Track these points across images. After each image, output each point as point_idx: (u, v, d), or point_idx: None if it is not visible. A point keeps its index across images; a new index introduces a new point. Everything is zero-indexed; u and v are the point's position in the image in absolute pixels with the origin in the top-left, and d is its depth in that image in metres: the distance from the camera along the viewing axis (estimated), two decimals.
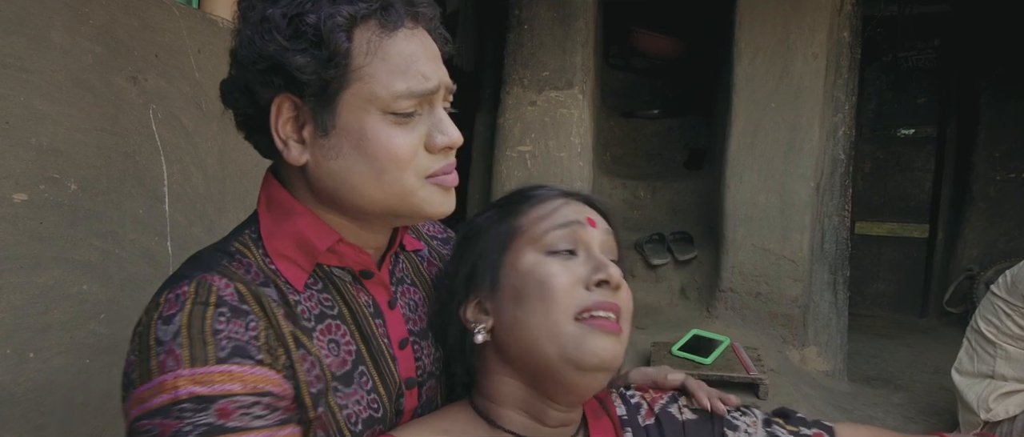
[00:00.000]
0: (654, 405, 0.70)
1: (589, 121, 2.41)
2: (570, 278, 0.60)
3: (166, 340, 0.53)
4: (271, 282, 0.60)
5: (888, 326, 3.77)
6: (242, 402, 0.52)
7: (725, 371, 2.07)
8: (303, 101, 0.58)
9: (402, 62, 0.59)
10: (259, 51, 0.56)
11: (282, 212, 0.62)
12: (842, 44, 2.34)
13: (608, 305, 0.59)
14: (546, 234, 0.62)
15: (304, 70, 0.56)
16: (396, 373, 0.67)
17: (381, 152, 0.58)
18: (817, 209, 2.36)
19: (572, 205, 0.65)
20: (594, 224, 0.64)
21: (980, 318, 1.77)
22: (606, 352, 0.58)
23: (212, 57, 1.48)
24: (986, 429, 1.70)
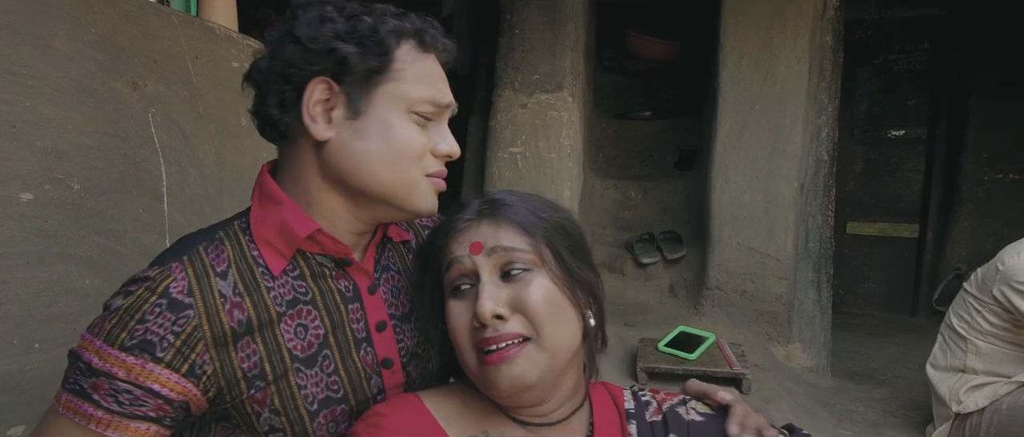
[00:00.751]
0: (663, 404, 0.73)
1: (578, 123, 2.47)
2: (463, 320, 0.66)
3: (110, 307, 0.65)
4: (243, 271, 0.68)
5: (878, 325, 3.82)
6: (116, 386, 0.63)
7: (709, 366, 2.13)
8: (339, 85, 0.67)
9: (430, 76, 0.71)
10: (314, 36, 0.66)
11: (270, 202, 0.70)
12: (825, 48, 2.39)
13: (489, 340, 0.63)
14: (446, 277, 0.69)
15: (352, 57, 0.66)
16: (371, 354, 0.74)
17: (402, 142, 0.69)
18: (801, 209, 2.42)
19: (461, 235, 0.68)
20: (477, 250, 0.66)
21: (953, 314, 1.82)
22: (504, 382, 0.63)
23: (209, 62, 1.53)
24: (957, 421, 1.76)
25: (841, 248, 4.23)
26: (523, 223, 0.68)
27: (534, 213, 0.69)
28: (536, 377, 0.63)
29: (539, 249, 0.67)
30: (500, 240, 0.67)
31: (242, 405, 0.67)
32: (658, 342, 2.26)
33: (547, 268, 0.67)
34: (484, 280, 0.65)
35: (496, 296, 0.64)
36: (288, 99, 0.68)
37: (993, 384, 1.67)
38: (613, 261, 2.80)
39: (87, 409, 0.62)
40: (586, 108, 2.85)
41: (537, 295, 0.65)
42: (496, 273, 0.66)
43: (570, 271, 0.68)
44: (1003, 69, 3.54)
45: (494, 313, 0.63)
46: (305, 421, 0.69)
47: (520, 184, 2.44)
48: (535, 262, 0.66)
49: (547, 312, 0.65)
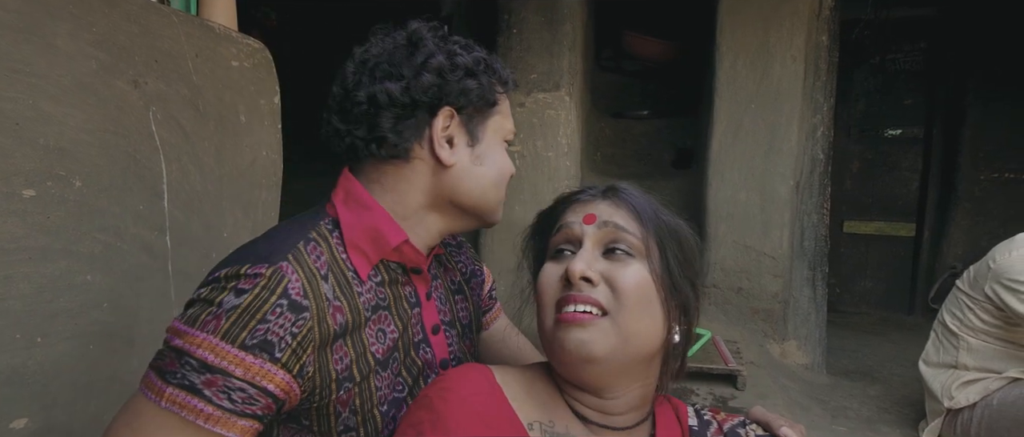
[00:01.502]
0: (724, 425, 0.74)
1: (576, 122, 2.48)
2: (553, 279, 0.67)
3: (224, 306, 0.64)
4: (337, 274, 0.70)
5: (875, 323, 3.83)
6: (231, 384, 0.62)
7: (705, 363, 2.14)
8: (459, 115, 0.75)
9: (509, 111, 0.83)
10: (449, 70, 0.73)
11: (360, 208, 0.74)
12: (820, 47, 2.41)
13: (570, 297, 0.64)
14: (552, 240, 0.71)
15: (473, 92, 0.74)
16: (430, 354, 0.79)
17: (507, 168, 0.80)
18: (796, 207, 2.43)
19: (579, 206, 0.71)
20: (590, 221, 0.68)
21: (946, 311, 1.84)
22: (570, 343, 0.63)
23: (209, 61, 1.55)
24: (949, 417, 1.77)
25: (838, 247, 4.26)
26: (641, 211, 0.69)
27: (654, 208, 0.70)
28: (604, 352, 0.63)
29: (648, 240, 0.67)
30: (614, 217, 0.68)
31: (327, 406, 0.69)
32: None
33: (650, 261, 0.67)
34: (586, 247, 0.67)
35: (591, 261, 0.66)
36: (409, 124, 0.73)
37: (984, 380, 1.69)
38: None
39: (197, 404, 0.62)
40: (584, 107, 2.86)
41: (631, 278, 0.65)
42: (599, 247, 0.67)
43: (671, 275, 0.68)
44: (999, 69, 3.56)
45: (583, 274, 0.64)
46: (377, 420, 0.72)
47: (518, 183, 2.46)
48: (640, 250, 0.67)
49: (634, 296, 0.64)
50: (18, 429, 1.12)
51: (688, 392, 2.12)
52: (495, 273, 2.60)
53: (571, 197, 0.73)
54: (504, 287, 2.51)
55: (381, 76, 0.72)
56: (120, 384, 1.31)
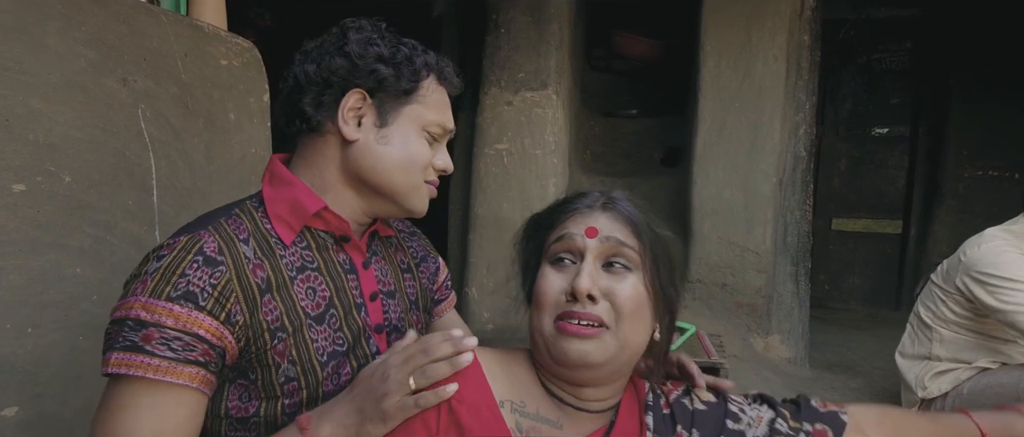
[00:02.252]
0: (669, 396, 0.79)
1: (563, 120, 2.52)
2: (555, 288, 0.72)
3: (148, 271, 0.73)
4: (259, 240, 0.79)
5: (862, 319, 3.89)
6: (167, 334, 0.70)
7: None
8: (372, 98, 0.82)
9: (442, 105, 0.87)
10: (362, 54, 0.81)
11: (281, 183, 0.83)
12: (802, 47, 2.45)
13: (573, 313, 0.70)
14: (552, 247, 0.75)
15: (388, 78, 0.81)
16: (367, 317, 0.86)
17: (416, 153, 0.84)
18: (779, 204, 2.48)
19: (579, 216, 0.75)
20: (593, 234, 0.72)
21: (921, 305, 1.88)
22: (573, 353, 0.69)
23: (197, 60, 1.58)
24: (922, 406, 1.82)
25: (827, 244, 4.31)
26: (638, 224, 0.73)
27: (648, 220, 0.75)
28: (603, 360, 0.70)
29: (643, 253, 0.72)
30: (615, 232, 0.72)
31: (265, 356, 0.76)
32: None
33: (645, 272, 0.72)
34: (588, 261, 0.71)
35: (595, 277, 0.70)
36: (325, 101, 0.81)
37: (955, 370, 1.73)
38: None
39: (142, 359, 0.69)
40: (572, 106, 2.90)
41: (628, 292, 0.71)
42: (600, 260, 0.72)
43: (661, 284, 0.73)
44: (982, 69, 3.62)
45: (589, 292, 0.69)
46: (317, 370, 0.79)
47: (506, 180, 2.50)
48: (637, 263, 0.72)
49: (632, 310, 0.71)
50: (8, 417, 1.15)
51: None
52: (481, 267, 2.64)
53: (570, 205, 0.77)
54: (491, 281, 2.55)
55: (307, 60, 0.82)
56: None
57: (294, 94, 0.83)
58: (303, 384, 0.78)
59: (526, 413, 0.73)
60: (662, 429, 0.76)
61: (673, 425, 0.76)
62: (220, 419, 0.78)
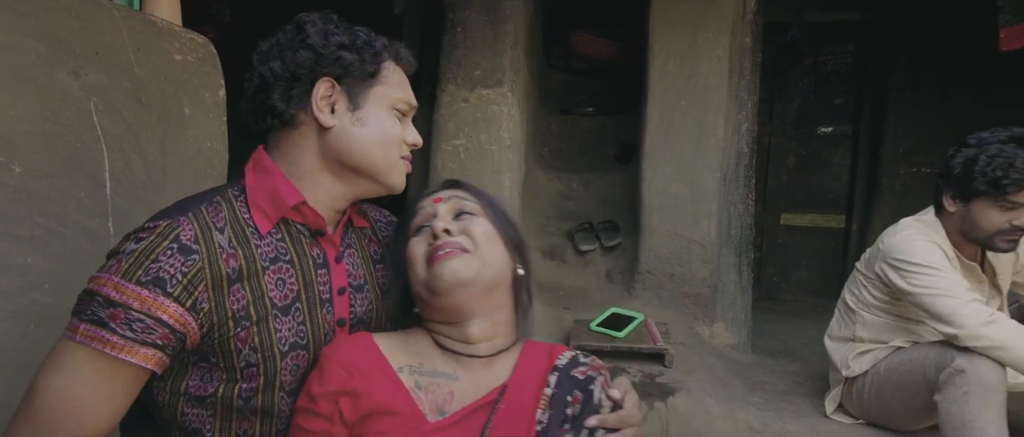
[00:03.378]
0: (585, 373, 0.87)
1: (518, 117, 2.60)
2: (421, 246, 0.87)
3: (124, 251, 0.77)
4: (236, 229, 0.83)
5: (808, 310, 4.07)
6: (131, 316, 0.74)
7: (635, 343, 2.29)
8: (340, 85, 0.87)
9: (403, 83, 0.94)
10: (324, 44, 0.85)
11: (264, 172, 0.87)
12: (744, 48, 2.58)
13: (439, 246, 0.84)
14: (412, 228, 0.91)
15: (353, 64, 0.86)
16: (331, 313, 0.90)
17: (390, 130, 0.90)
18: (724, 198, 2.60)
19: (428, 197, 0.93)
20: (439, 200, 0.91)
21: (846, 290, 2.02)
22: (446, 273, 0.82)
23: (151, 54, 1.60)
24: (846, 384, 1.96)
25: (776, 238, 4.50)
26: (475, 192, 0.95)
27: (485, 193, 0.96)
28: (471, 274, 0.83)
29: (483, 206, 0.92)
30: (457, 195, 0.92)
31: (227, 342, 0.80)
32: (590, 322, 2.41)
33: (488, 217, 0.90)
34: (440, 214, 0.89)
35: (448, 221, 0.88)
36: (295, 94, 0.86)
37: (875, 350, 1.87)
38: (555, 249, 2.95)
39: (105, 335, 0.74)
40: (529, 103, 2.98)
41: (479, 226, 0.87)
42: (451, 213, 0.90)
43: (505, 230, 0.91)
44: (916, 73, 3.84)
45: (445, 227, 0.85)
46: (276, 360, 0.83)
47: (462, 174, 2.56)
48: (480, 211, 0.90)
49: (485, 238, 0.86)
50: None
51: (620, 370, 2.26)
52: None
53: (419, 197, 0.94)
54: None
55: (270, 58, 0.87)
56: None
57: (261, 92, 0.87)
58: (261, 370, 0.82)
59: (424, 372, 0.83)
60: (561, 389, 0.84)
61: (571, 388, 0.84)
62: (179, 395, 0.83)
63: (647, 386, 2.14)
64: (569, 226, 3.00)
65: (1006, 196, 1.60)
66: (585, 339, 2.31)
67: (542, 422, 0.81)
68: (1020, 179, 1.56)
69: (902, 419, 1.83)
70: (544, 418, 0.81)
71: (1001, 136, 1.61)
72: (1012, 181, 1.57)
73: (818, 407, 2.10)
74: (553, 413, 0.81)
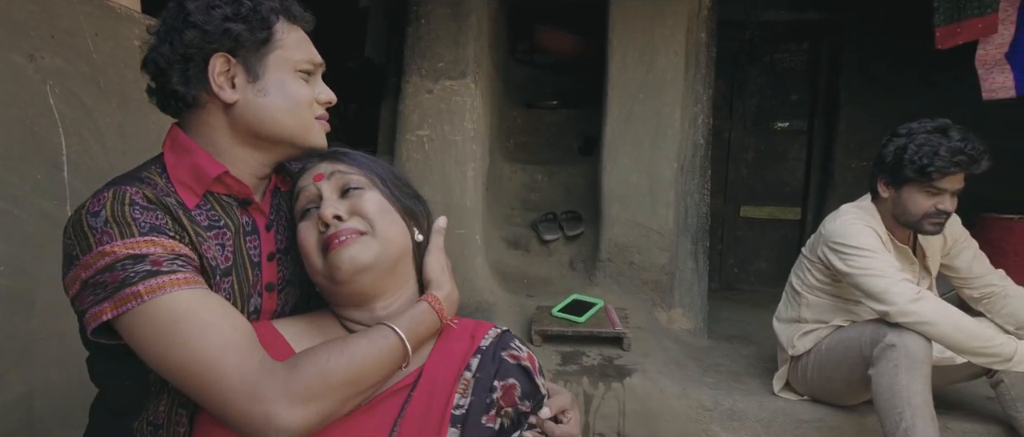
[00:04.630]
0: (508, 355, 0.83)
1: (482, 108, 2.65)
2: (311, 233, 0.82)
3: (97, 226, 0.74)
4: (169, 202, 0.82)
5: (767, 299, 4.16)
6: (166, 256, 0.75)
7: (595, 327, 2.36)
8: (235, 58, 0.84)
9: (303, 42, 0.91)
10: (208, 20, 0.82)
11: (182, 150, 0.86)
12: (700, 44, 2.68)
13: (332, 236, 0.80)
14: (297, 209, 0.86)
15: (242, 34, 0.83)
16: (259, 278, 0.90)
17: (296, 94, 0.88)
18: (681, 188, 2.69)
19: (307, 173, 0.87)
20: (320, 178, 0.85)
21: (793, 274, 2.13)
22: (344, 261, 0.78)
23: (109, 40, 1.61)
24: (792, 363, 2.06)
25: (736, 230, 4.64)
26: (357, 161, 0.87)
27: (367, 159, 0.89)
28: (371, 258, 0.79)
29: (370, 176, 0.86)
30: (338, 168, 0.85)
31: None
32: (552, 308, 2.47)
33: (378, 188, 0.85)
34: (326, 196, 0.83)
35: (336, 204, 0.82)
36: (191, 75, 0.83)
37: (817, 330, 1.98)
38: (519, 239, 3.01)
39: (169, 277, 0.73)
40: (493, 96, 3.03)
41: (370, 202, 0.82)
42: (336, 193, 0.84)
43: (398, 198, 0.86)
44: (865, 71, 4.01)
45: (334, 214, 0.80)
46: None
47: (427, 165, 2.60)
48: (367, 183, 0.84)
49: (379, 214, 0.82)
50: None
51: (580, 354, 2.33)
52: None
53: (299, 173, 0.89)
54: None
55: (159, 43, 0.84)
56: (19, 344, 1.37)
57: (159, 78, 0.84)
58: None
59: None
60: (484, 372, 0.80)
61: (497, 372, 0.80)
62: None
63: (606, 368, 2.21)
64: (533, 217, 3.06)
65: (932, 182, 1.71)
66: (547, 324, 2.38)
67: (461, 407, 0.77)
68: (944, 166, 1.68)
69: (842, 394, 1.94)
70: (463, 403, 0.77)
71: (928, 126, 1.73)
72: (936, 168, 1.68)
73: (767, 386, 2.20)
74: (475, 399, 0.78)
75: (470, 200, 2.58)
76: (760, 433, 2.07)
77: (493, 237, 2.91)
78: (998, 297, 1.89)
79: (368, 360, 0.75)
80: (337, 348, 0.74)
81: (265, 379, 0.70)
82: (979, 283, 1.93)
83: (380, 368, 0.76)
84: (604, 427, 2.13)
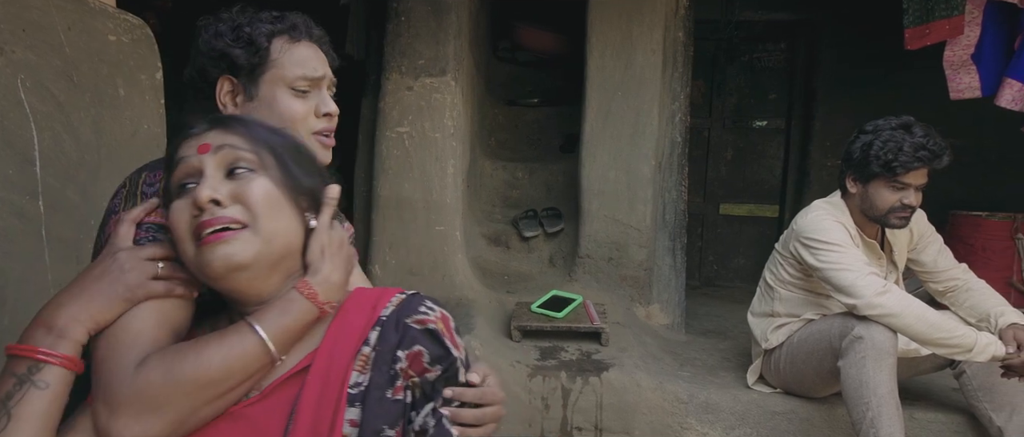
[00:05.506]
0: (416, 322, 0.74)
1: (462, 106, 2.66)
2: (184, 214, 0.72)
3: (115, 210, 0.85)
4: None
5: (745, 295, 4.23)
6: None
7: (574, 323, 2.39)
8: (238, 79, 0.94)
9: (301, 59, 0.97)
10: (212, 47, 0.94)
11: None
12: (677, 43, 2.72)
13: (205, 223, 0.69)
14: (173, 181, 0.75)
15: (239, 58, 0.93)
16: None
17: (285, 111, 0.95)
18: (659, 185, 2.73)
19: (191, 140, 0.75)
20: (205, 150, 0.73)
21: (767, 269, 2.17)
22: (217, 260, 0.69)
23: (83, 34, 1.59)
24: (766, 356, 2.11)
25: (716, 227, 4.70)
26: (251, 132, 0.75)
27: (263, 128, 0.78)
28: (249, 258, 0.70)
29: (263, 155, 0.74)
30: (228, 141, 0.74)
31: None
32: (532, 304, 2.50)
33: (269, 171, 0.74)
34: (208, 172, 0.72)
35: (216, 186, 0.71)
36: (207, 93, 0.97)
37: (790, 323, 2.02)
38: (500, 236, 3.03)
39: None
40: (474, 93, 3.05)
41: (257, 190, 0.72)
42: (221, 171, 0.73)
43: (294, 178, 0.76)
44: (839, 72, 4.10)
45: (211, 198, 0.70)
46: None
47: (407, 162, 2.61)
48: (258, 164, 0.74)
49: (265, 205, 0.72)
50: None
51: (559, 349, 2.36)
52: (383, 245, 2.74)
53: (181, 136, 0.77)
54: (394, 259, 2.65)
55: (188, 67, 1.00)
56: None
57: (197, 92, 0.98)
58: None
59: None
60: (385, 344, 0.73)
61: (401, 340, 0.73)
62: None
63: (584, 363, 2.24)
64: (514, 213, 3.08)
65: (896, 177, 1.76)
66: (526, 320, 2.40)
67: (359, 384, 0.71)
68: (908, 162, 1.73)
69: (813, 385, 1.99)
70: (362, 380, 0.71)
71: (892, 123, 1.78)
72: (900, 164, 1.73)
73: (742, 380, 2.25)
74: (375, 374, 0.71)
75: (450, 197, 2.60)
76: (734, 425, 2.11)
77: (474, 234, 2.93)
78: (961, 290, 1.95)
79: (218, 363, 0.68)
80: (186, 351, 0.69)
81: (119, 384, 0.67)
82: (944, 277, 1.98)
83: (236, 371, 0.69)
84: (582, 420, 2.16)
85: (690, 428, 2.12)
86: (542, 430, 2.17)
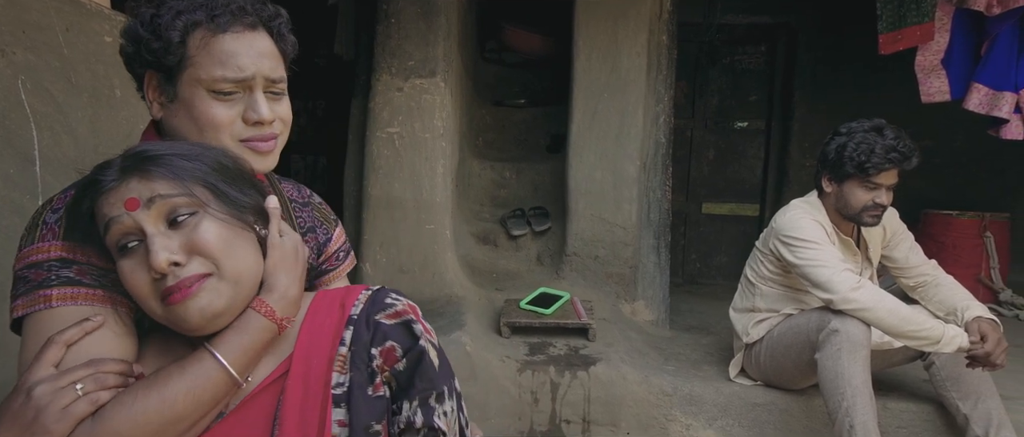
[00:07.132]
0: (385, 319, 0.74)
1: (451, 107, 2.71)
2: (141, 277, 0.67)
3: (50, 222, 0.76)
4: None
5: (727, 292, 4.33)
6: (96, 269, 0.74)
7: (561, 319, 2.45)
8: (158, 75, 0.83)
9: (223, 57, 0.81)
10: (133, 38, 0.83)
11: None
12: (661, 46, 2.79)
13: (172, 288, 0.66)
14: (109, 240, 0.69)
15: (154, 54, 0.81)
16: None
17: (202, 118, 0.82)
18: (643, 184, 2.80)
19: (110, 195, 0.69)
20: (134, 206, 0.67)
21: (748, 266, 2.25)
22: (193, 315, 0.66)
23: (81, 35, 1.62)
24: (746, 351, 2.18)
25: (698, 226, 4.80)
26: (172, 171, 0.69)
27: (183, 158, 0.71)
28: (223, 306, 0.68)
29: (196, 193, 0.69)
30: (156, 190, 0.68)
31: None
32: (520, 301, 2.55)
33: (210, 209, 0.70)
34: (151, 232, 0.67)
35: (169, 245, 0.67)
36: (140, 87, 0.88)
37: (770, 318, 2.10)
38: (488, 234, 3.08)
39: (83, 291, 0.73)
40: (463, 94, 3.09)
41: (209, 235, 0.68)
42: (162, 223, 0.68)
43: (233, 201, 0.72)
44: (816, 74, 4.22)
45: (170, 261, 0.66)
46: None
47: (397, 162, 2.65)
48: (197, 205, 0.69)
49: (221, 247, 0.68)
50: None
51: (547, 345, 2.41)
52: (374, 244, 2.77)
53: (94, 188, 0.70)
54: (384, 258, 2.69)
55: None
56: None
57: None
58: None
59: None
60: (359, 343, 0.73)
61: (374, 336, 0.73)
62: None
63: (572, 358, 2.30)
64: (502, 213, 3.14)
65: (869, 177, 1.85)
66: (515, 316, 2.45)
67: (342, 384, 0.72)
68: (879, 163, 1.81)
69: (792, 377, 2.07)
70: (344, 380, 0.72)
71: (865, 125, 1.87)
72: (873, 165, 1.82)
73: (724, 373, 2.33)
74: (355, 373, 0.72)
75: (440, 196, 2.64)
76: (717, 416, 2.19)
77: (462, 232, 2.97)
78: (930, 286, 2.04)
79: (183, 398, 0.66)
80: (146, 388, 0.66)
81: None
82: (914, 273, 2.07)
83: (204, 402, 0.68)
84: (570, 414, 2.22)
85: (675, 420, 2.19)
86: (531, 423, 2.23)
